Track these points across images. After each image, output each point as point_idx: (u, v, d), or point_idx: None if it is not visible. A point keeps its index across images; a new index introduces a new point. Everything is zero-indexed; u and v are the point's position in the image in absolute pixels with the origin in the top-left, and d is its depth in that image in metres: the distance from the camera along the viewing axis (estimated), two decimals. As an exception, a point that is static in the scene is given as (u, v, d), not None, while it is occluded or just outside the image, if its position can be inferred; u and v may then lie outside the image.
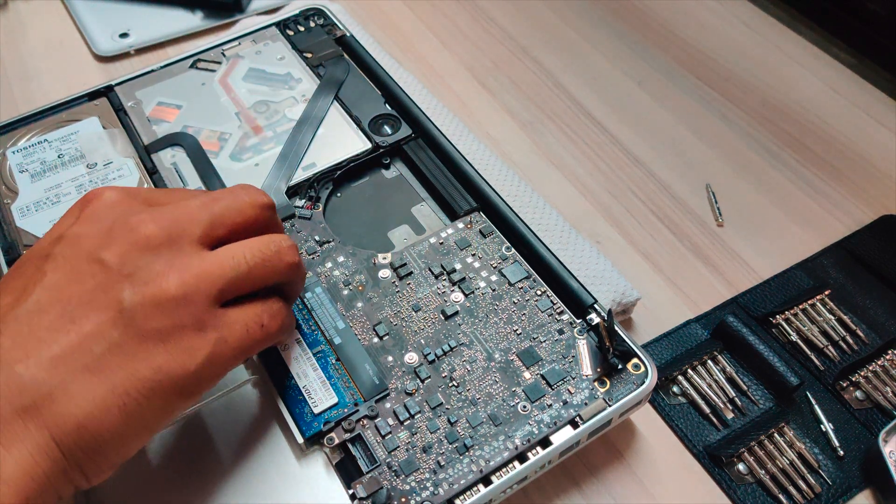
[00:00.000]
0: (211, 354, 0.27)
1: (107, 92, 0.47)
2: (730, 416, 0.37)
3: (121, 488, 0.32)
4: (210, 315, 0.27)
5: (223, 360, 0.28)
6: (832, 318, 0.40)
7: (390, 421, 0.32)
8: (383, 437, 0.32)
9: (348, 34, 0.50)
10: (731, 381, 0.38)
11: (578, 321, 0.35)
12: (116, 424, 0.25)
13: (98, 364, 0.25)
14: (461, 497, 0.30)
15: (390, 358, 0.34)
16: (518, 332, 0.35)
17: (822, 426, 0.37)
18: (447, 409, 0.33)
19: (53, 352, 0.25)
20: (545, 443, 0.32)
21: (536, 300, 0.36)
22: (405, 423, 0.32)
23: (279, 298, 0.31)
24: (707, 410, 0.37)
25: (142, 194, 0.30)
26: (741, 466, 0.35)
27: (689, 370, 0.38)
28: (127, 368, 0.25)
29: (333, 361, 0.34)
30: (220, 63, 0.49)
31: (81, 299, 0.26)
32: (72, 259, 0.27)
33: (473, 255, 0.38)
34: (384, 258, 0.38)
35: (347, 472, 0.31)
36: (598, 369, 0.34)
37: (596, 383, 0.33)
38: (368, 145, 0.43)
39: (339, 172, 0.42)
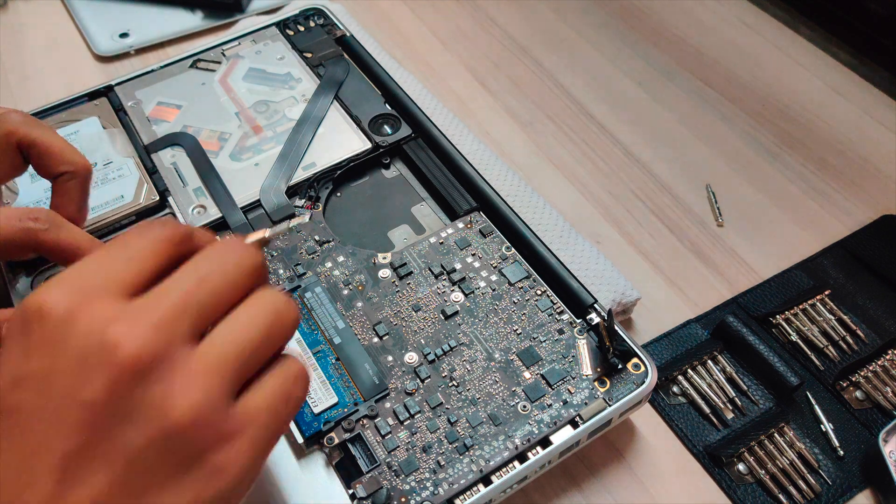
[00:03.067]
0: (244, 462, 0.23)
1: (107, 92, 0.47)
2: (730, 416, 0.37)
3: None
4: (230, 420, 0.23)
5: (260, 458, 0.24)
6: (832, 318, 0.40)
7: (390, 421, 0.32)
8: (383, 436, 0.32)
9: (348, 34, 0.50)
10: (731, 381, 0.38)
11: (578, 321, 0.35)
12: None
13: None
14: (461, 497, 0.30)
15: (390, 358, 0.34)
16: (518, 331, 0.35)
17: (822, 426, 0.37)
18: (447, 408, 0.33)
19: None
20: (545, 443, 0.32)
21: (536, 300, 0.36)
22: (405, 423, 0.32)
23: (287, 355, 0.26)
24: (707, 410, 0.37)
25: (93, 282, 0.23)
26: (741, 466, 0.35)
27: (689, 370, 0.38)
28: None
29: (333, 361, 0.34)
30: (220, 63, 0.49)
31: (79, 456, 0.21)
32: (47, 409, 0.21)
33: (473, 254, 0.38)
34: (384, 258, 0.38)
35: (347, 472, 0.31)
36: (598, 369, 0.34)
37: (596, 383, 0.33)
38: (368, 145, 0.43)
39: (339, 172, 0.42)
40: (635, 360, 0.34)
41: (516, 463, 0.31)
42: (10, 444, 0.21)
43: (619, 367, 0.34)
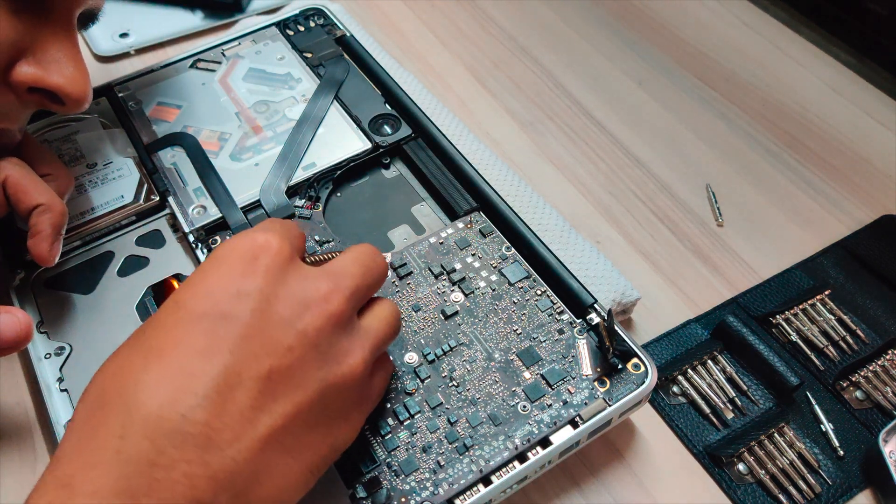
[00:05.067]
0: (363, 421, 0.29)
1: (107, 92, 0.47)
2: (730, 416, 0.37)
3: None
4: (368, 388, 0.29)
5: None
6: (832, 318, 0.40)
7: (390, 421, 0.32)
8: (383, 437, 0.32)
9: (348, 34, 0.50)
10: (731, 381, 0.38)
11: (578, 321, 0.35)
12: (299, 495, 0.26)
13: (296, 445, 0.25)
14: (461, 497, 0.30)
15: (390, 358, 0.34)
16: (518, 331, 0.35)
17: (822, 426, 0.37)
18: (447, 408, 0.33)
19: (261, 433, 0.24)
20: (545, 443, 0.32)
21: (536, 300, 0.36)
22: (405, 423, 0.32)
23: (388, 357, 0.33)
24: (707, 410, 0.37)
25: (293, 242, 0.28)
26: (741, 466, 0.35)
27: (689, 370, 0.38)
28: (314, 448, 0.26)
29: (333, 361, 0.34)
30: (220, 63, 0.49)
31: (282, 375, 0.25)
32: (266, 325, 0.25)
33: (473, 254, 0.38)
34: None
35: (347, 472, 0.31)
36: (598, 369, 0.34)
37: (596, 383, 0.33)
38: (368, 145, 0.43)
39: (339, 172, 0.42)
40: (635, 360, 0.34)
41: (516, 463, 0.31)
42: (226, 346, 0.24)
43: (619, 367, 0.34)
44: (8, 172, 0.35)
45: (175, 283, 0.28)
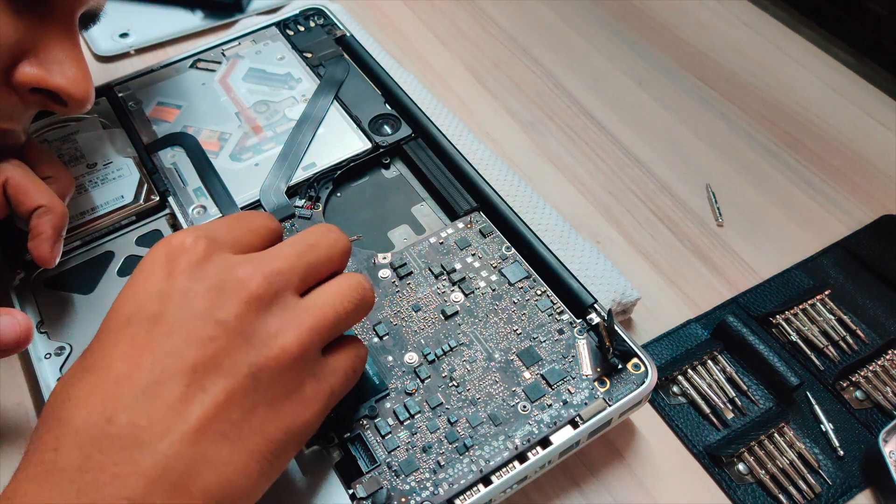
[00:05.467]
0: (325, 403, 0.28)
1: (107, 92, 0.47)
2: (730, 416, 0.37)
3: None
4: (320, 364, 0.28)
5: (331, 404, 0.29)
6: (832, 318, 0.40)
7: (390, 421, 0.32)
8: (383, 437, 0.32)
9: (348, 34, 0.50)
10: (731, 381, 0.38)
11: (578, 321, 0.35)
12: (255, 485, 0.26)
13: (235, 431, 0.25)
14: (461, 497, 0.30)
15: (390, 358, 0.34)
16: (518, 331, 0.35)
17: (822, 426, 0.37)
18: (447, 408, 0.33)
19: (192, 424, 0.24)
20: (545, 443, 0.32)
21: (536, 300, 0.36)
22: (405, 423, 0.32)
23: (356, 337, 0.32)
24: (707, 410, 0.37)
25: (223, 237, 0.28)
26: (741, 466, 0.35)
27: (689, 370, 0.38)
28: (261, 432, 0.26)
29: (333, 361, 0.34)
30: (220, 63, 0.49)
31: (207, 365, 0.25)
32: (185, 320, 0.25)
33: (473, 254, 0.38)
34: (384, 258, 0.38)
35: (347, 472, 0.31)
36: (598, 369, 0.34)
37: (596, 383, 0.33)
38: (368, 145, 0.43)
39: (339, 172, 0.42)
40: (635, 360, 0.34)
41: (516, 463, 0.31)
42: (149, 347, 0.25)
43: (619, 367, 0.34)
44: (9, 174, 0.35)
45: None
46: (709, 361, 0.39)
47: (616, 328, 0.34)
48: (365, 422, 0.32)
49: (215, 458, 0.24)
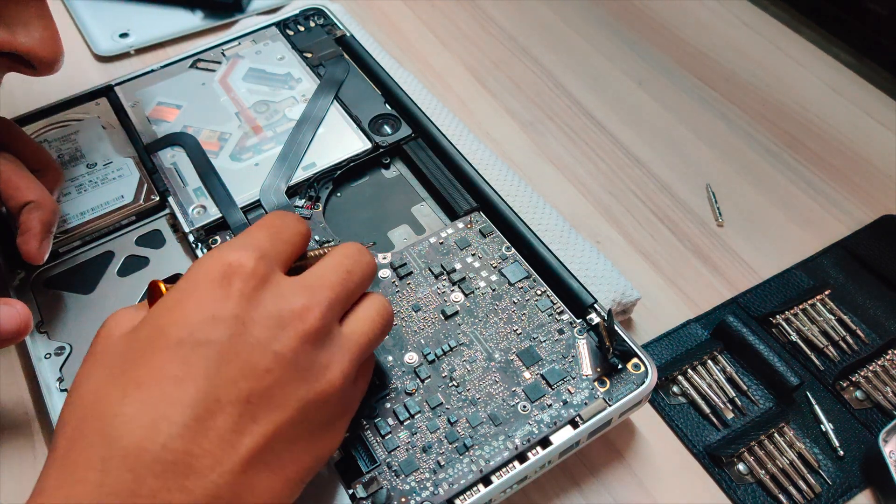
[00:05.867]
0: (347, 427, 0.29)
1: (107, 92, 0.47)
2: (730, 416, 0.37)
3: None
4: (351, 396, 0.29)
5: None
6: (832, 318, 0.40)
7: (390, 421, 0.32)
8: (383, 437, 0.32)
9: (348, 34, 0.50)
10: (731, 381, 0.38)
11: (578, 321, 0.35)
12: None
13: (277, 461, 0.25)
14: (461, 497, 0.30)
15: (390, 358, 0.34)
16: (518, 331, 0.35)
17: (822, 426, 0.37)
18: (447, 408, 0.33)
19: (242, 455, 0.24)
20: (545, 443, 0.32)
21: (536, 300, 0.36)
22: (405, 423, 0.32)
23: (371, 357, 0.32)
24: (707, 410, 0.37)
25: (271, 254, 0.28)
26: (741, 466, 0.35)
27: (689, 370, 0.38)
28: (299, 461, 0.26)
29: (333, 361, 0.34)
30: (220, 63, 0.49)
31: (261, 397, 0.25)
32: (242, 349, 0.25)
33: (473, 254, 0.38)
34: (384, 258, 0.38)
35: (347, 472, 0.31)
36: (598, 369, 0.34)
37: (596, 383, 0.33)
38: (368, 145, 0.43)
39: (339, 172, 0.42)
40: (635, 360, 0.34)
41: (516, 463, 0.31)
42: (203, 373, 0.24)
43: (619, 367, 0.34)
44: None
45: (162, 287, 0.28)
46: (709, 361, 0.39)
47: (616, 328, 0.34)
48: (365, 422, 0.32)
49: (258, 488, 0.24)
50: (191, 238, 0.39)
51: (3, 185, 0.34)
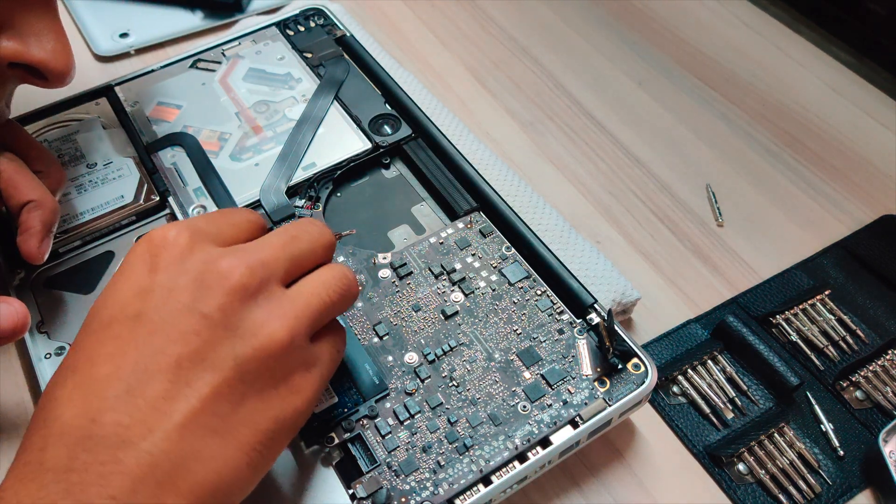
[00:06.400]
0: (315, 389, 0.28)
1: (107, 92, 0.47)
2: (730, 416, 0.37)
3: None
4: (308, 352, 0.28)
5: (322, 389, 0.29)
6: (832, 318, 0.40)
7: (390, 421, 0.32)
8: (383, 437, 0.32)
9: (348, 34, 0.50)
10: (731, 381, 0.38)
11: (578, 321, 0.35)
12: (246, 478, 0.25)
13: (223, 425, 0.25)
14: (461, 497, 0.30)
15: (390, 358, 0.34)
16: (518, 331, 0.35)
17: (822, 426, 0.37)
18: (447, 408, 0.33)
19: (176, 421, 0.24)
20: (545, 443, 0.32)
21: (536, 300, 0.36)
22: (405, 423, 0.32)
23: (338, 322, 0.31)
24: (707, 410, 0.37)
25: (205, 230, 0.28)
26: (741, 466, 0.35)
27: (689, 370, 0.38)
28: (250, 424, 0.25)
29: (333, 361, 0.34)
30: (220, 63, 0.49)
31: (191, 360, 0.25)
32: (168, 316, 0.25)
33: (473, 254, 0.38)
34: (384, 258, 0.38)
35: (347, 472, 0.31)
36: (598, 369, 0.34)
37: (596, 383, 0.33)
38: (368, 145, 0.43)
39: (339, 172, 0.42)
40: (635, 360, 0.34)
41: (516, 463, 0.31)
42: (132, 345, 0.25)
43: (619, 367, 0.34)
44: (0, 167, 0.34)
45: None
46: (709, 361, 0.39)
47: (616, 328, 0.34)
48: (365, 422, 0.32)
49: (203, 453, 0.24)
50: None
51: (4, 185, 0.34)
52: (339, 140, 0.44)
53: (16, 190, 0.34)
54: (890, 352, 0.39)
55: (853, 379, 0.39)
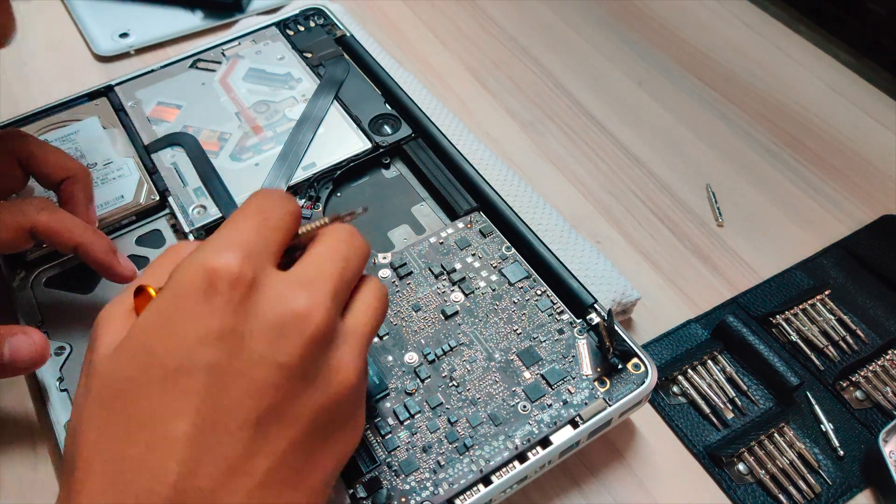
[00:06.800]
0: (364, 417, 0.27)
1: (107, 92, 0.47)
2: (730, 416, 0.37)
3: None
4: (365, 386, 0.27)
5: None
6: (832, 318, 0.40)
7: (390, 421, 0.32)
8: (383, 437, 0.32)
9: (348, 34, 0.50)
10: (731, 381, 0.38)
11: (578, 321, 0.35)
12: None
13: (297, 477, 0.24)
14: (461, 497, 0.30)
15: (390, 358, 0.34)
16: (518, 331, 0.35)
17: (822, 426, 0.37)
18: (447, 408, 0.33)
19: (256, 481, 0.23)
20: (545, 443, 0.32)
21: (536, 300, 0.36)
22: (405, 423, 0.32)
23: None
24: (707, 410, 0.37)
25: (257, 248, 0.25)
26: (741, 466, 0.35)
27: (689, 370, 0.38)
28: (319, 470, 0.25)
29: (333, 361, 0.34)
30: (220, 63, 0.49)
31: (270, 414, 0.23)
32: (244, 367, 0.23)
33: (473, 254, 0.38)
34: (384, 258, 0.38)
35: (347, 472, 0.31)
36: (598, 369, 0.34)
37: (596, 383, 0.33)
38: (368, 145, 0.43)
39: (339, 172, 0.42)
40: (635, 360, 0.34)
41: (516, 463, 0.31)
42: (207, 401, 0.22)
43: (619, 367, 0.34)
44: (35, 220, 0.34)
45: (152, 292, 0.26)
46: (709, 361, 0.39)
47: (616, 328, 0.34)
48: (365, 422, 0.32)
49: None
50: (191, 238, 0.39)
51: (47, 237, 0.34)
52: (339, 140, 0.44)
53: (60, 238, 0.34)
54: (890, 352, 0.39)
55: (853, 379, 0.39)
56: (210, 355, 0.23)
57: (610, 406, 0.32)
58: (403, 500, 0.30)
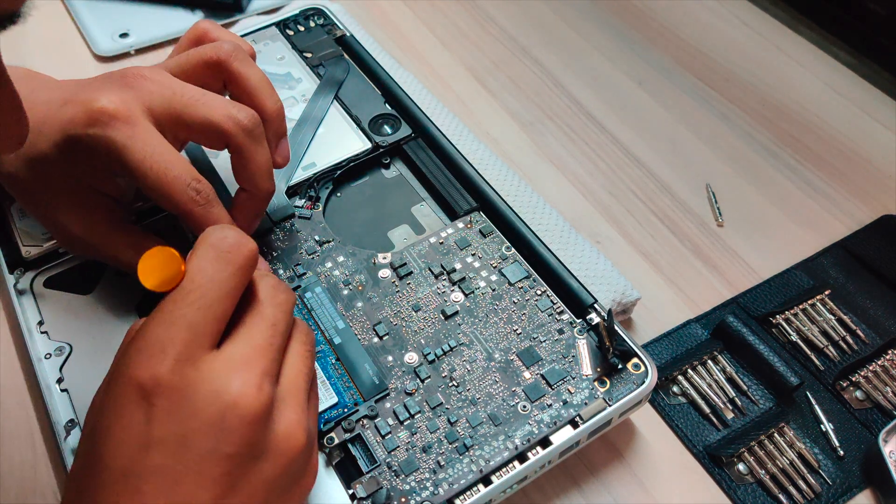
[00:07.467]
0: (317, 457, 0.29)
1: (107, 92, 0.46)
2: (730, 416, 0.37)
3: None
4: (314, 432, 0.28)
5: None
6: (832, 318, 0.40)
7: (390, 421, 0.32)
8: (383, 437, 0.32)
9: (348, 34, 0.50)
10: (731, 381, 0.38)
11: (578, 321, 0.35)
12: None
13: None
14: (461, 497, 0.30)
15: (390, 358, 0.34)
16: (518, 331, 0.35)
17: (822, 426, 0.37)
18: (447, 408, 0.33)
19: None
20: (545, 443, 0.32)
21: (536, 300, 0.36)
22: (405, 423, 0.32)
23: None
24: (707, 410, 0.37)
25: (192, 337, 0.25)
26: (741, 466, 0.35)
27: (689, 370, 0.38)
28: None
29: (333, 361, 0.34)
30: (220, 63, 0.48)
31: (224, 498, 0.24)
32: (192, 464, 0.23)
33: (473, 254, 0.38)
34: (384, 258, 0.38)
35: (347, 472, 0.31)
36: (598, 369, 0.34)
37: (596, 383, 0.33)
38: (368, 145, 0.43)
39: (338, 172, 0.42)
40: (635, 360, 0.34)
41: (516, 463, 0.31)
42: (159, 499, 0.23)
43: (619, 367, 0.34)
44: (232, 66, 0.35)
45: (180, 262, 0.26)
46: (709, 361, 0.39)
47: (616, 328, 0.34)
48: (365, 422, 0.32)
49: None
50: (191, 238, 0.39)
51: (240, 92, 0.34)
52: (339, 140, 0.44)
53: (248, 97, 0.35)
54: (890, 352, 0.39)
55: (853, 379, 0.39)
56: (154, 459, 0.23)
57: (610, 406, 0.32)
58: (403, 500, 0.30)
